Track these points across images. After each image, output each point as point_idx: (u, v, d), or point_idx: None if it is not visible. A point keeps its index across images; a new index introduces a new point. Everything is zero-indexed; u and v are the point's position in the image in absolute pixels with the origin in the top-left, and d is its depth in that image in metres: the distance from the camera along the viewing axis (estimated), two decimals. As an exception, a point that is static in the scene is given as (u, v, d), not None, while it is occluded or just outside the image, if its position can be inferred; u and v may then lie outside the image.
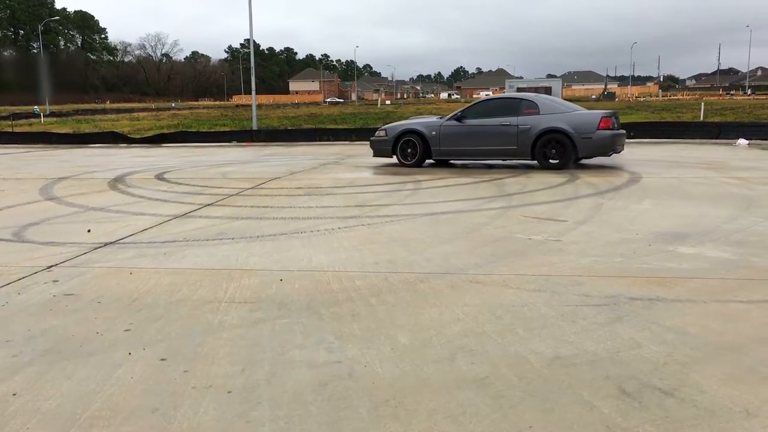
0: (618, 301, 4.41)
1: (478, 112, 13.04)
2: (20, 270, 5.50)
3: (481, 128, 12.72)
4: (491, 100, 13.82)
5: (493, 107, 13.04)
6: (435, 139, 12.94)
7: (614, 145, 12.25)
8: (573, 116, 12.27)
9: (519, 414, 2.89)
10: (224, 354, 3.64)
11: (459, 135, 12.84)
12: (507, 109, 12.72)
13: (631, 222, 7.07)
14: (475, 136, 12.73)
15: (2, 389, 3.24)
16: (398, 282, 4.97)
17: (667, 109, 37.63)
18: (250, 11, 26.80)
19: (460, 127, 12.86)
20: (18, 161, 17.03)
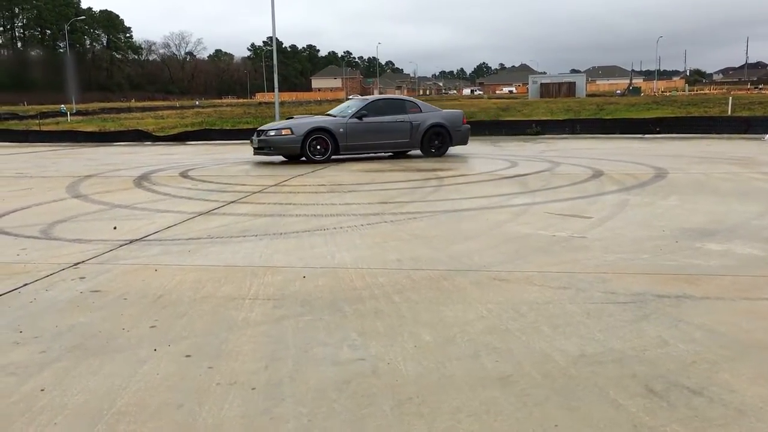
0: (644, 299, 4.35)
1: (375, 111, 14.62)
2: (48, 267, 5.58)
3: (381, 125, 14.52)
4: (380, 100, 15.63)
5: (384, 107, 14.93)
6: (343, 135, 14.19)
7: (468, 137, 15.65)
8: (445, 114, 15.36)
9: (544, 412, 2.87)
10: (248, 351, 3.66)
11: (363, 131, 14.34)
12: (396, 108, 15.02)
13: (657, 218, 6.98)
14: (377, 131, 14.45)
15: (30, 385, 3.28)
16: (421, 279, 4.96)
17: (693, 104, 37.11)
18: (272, 9, 26.88)
19: (363, 124, 14.35)
20: (45, 159, 17.27)
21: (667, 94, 70.13)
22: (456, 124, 15.19)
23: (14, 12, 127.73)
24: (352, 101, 16.48)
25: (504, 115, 29.31)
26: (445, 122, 15.05)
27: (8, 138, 25.91)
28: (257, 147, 14.40)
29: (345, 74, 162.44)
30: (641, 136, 19.41)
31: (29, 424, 2.88)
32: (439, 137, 14.99)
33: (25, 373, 3.42)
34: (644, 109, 32.22)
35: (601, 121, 21.99)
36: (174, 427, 2.83)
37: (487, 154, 15.39)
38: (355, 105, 15.28)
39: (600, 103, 42.68)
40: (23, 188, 11.01)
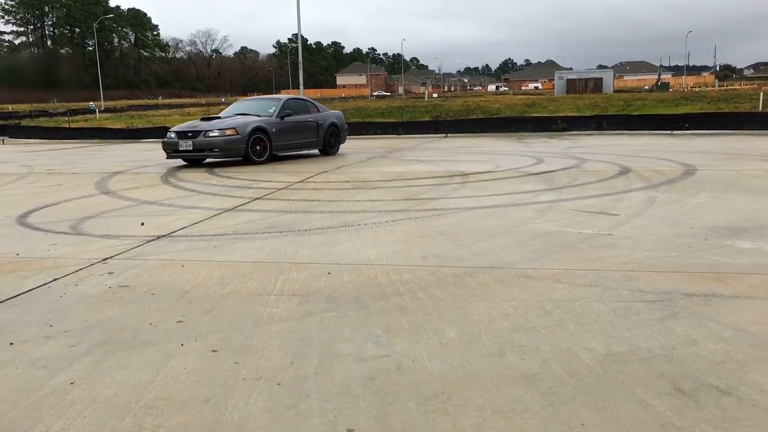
0: (673, 297, 4.30)
1: (290, 110, 14.70)
2: (77, 262, 5.66)
3: (298, 124, 14.76)
4: (290, 99, 15.69)
5: (294, 107, 15.06)
6: (275, 135, 14.10)
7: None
8: (335, 114, 16.25)
9: (570, 411, 2.84)
10: (273, 346, 3.68)
11: (288, 131, 14.44)
12: (303, 108, 15.37)
13: (686, 216, 6.89)
14: (295, 131, 14.62)
15: (60, 378, 3.33)
16: (446, 276, 4.94)
17: (723, 100, 36.51)
18: (298, 6, 26.98)
19: (285, 123, 14.40)
20: (75, 156, 17.52)
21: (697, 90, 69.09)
22: (342, 123, 16.25)
23: (44, 11, 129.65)
24: (245, 102, 16.06)
25: (529, 112, 29.12)
26: (338, 122, 15.94)
27: (39, 135, 26.34)
28: (192, 149, 13.34)
29: (370, 71, 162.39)
30: (669, 133, 19.15)
31: (59, 416, 2.93)
32: (333, 136, 15.79)
33: (55, 367, 3.47)
34: (673, 105, 31.80)
35: (629, 118, 21.73)
36: (200, 421, 2.86)
37: (513, 150, 15.29)
38: (273, 104, 14.89)
39: (627, 99, 42.21)
40: (53, 184, 11.19)
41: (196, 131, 13.48)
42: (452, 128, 22.01)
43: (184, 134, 13.49)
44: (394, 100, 69.70)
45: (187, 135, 13.46)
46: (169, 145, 13.73)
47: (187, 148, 13.37)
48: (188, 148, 13.37)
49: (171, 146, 13.68)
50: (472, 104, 41.14)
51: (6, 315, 4.35)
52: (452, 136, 21.11)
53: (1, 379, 3.34)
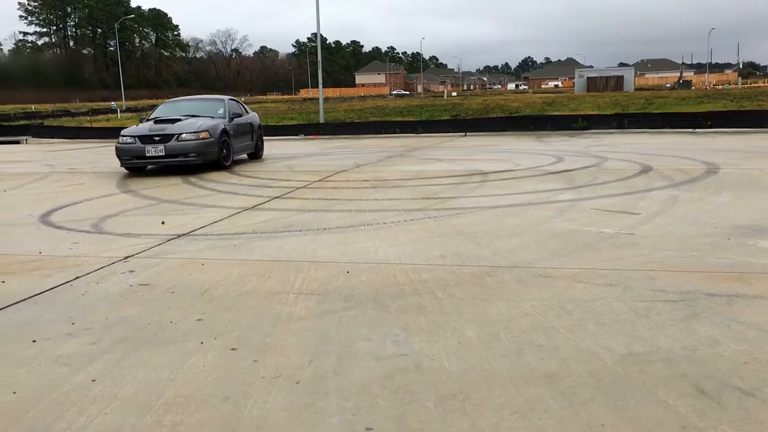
0: (695, 297, 4.25)
1: (233, 111, 14.11)
2: (99, 260, 5.72)
3: (242, 126, 14.19)
4: (232, 100, 14.73)
5: (234, 108, 14.35)
6: (232, 138, 13.50)
7: None
8: (256, 115, 15.76)
9: (590, 411, 2.82)
10: (292, 345, 3.69)
11: (237, 134, 13.83)
12: (239, 109, 14.59)
13: (708, 215, 6.80)
14: (241, 133, 14.07)
15: (82, 376, 3.37)
16: (465, 275, 4.93)
17: (747, 98, 36.03)
18: (317, 5, 27.04)
19: (234, 126, 13.76)
20: (96, 155, 17.70)
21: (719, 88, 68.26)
22: (258, 123, 15.61)
23: (66, 11, 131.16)
24: (183, 103, 14.72)
25: (549, 110, 28.95)
26: (258, 122, 15.47)
27: (61, 134, 26.65)
28: (164, 155, 12.04)
29: (389, 70, 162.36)
30: (692, 131, 18.94)
31: (81, 413, 2.96)
32: (260, 139, 15.37)
33: (77, 364, 3.51)
34: (695, 103, 31.45)
35: (650, 116, 21.53)
36: (220, 419, 2.87)
37: (532, 149, 15.21)
38: (219, 105, 14.04)
39: (649, 97, 41.82)
40: (75, 183, 11.32)
41: (165, 135, 12.11)
42: (471, 127, 21.94)
43: (149, 138, 12.08)
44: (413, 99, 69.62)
45: (153, 139, 12.06)
46: (128, 151, 12.14)
47: (158, 154, 12.02)
48: (159, 154, 12.02)
49: (132, 153, 12.10)
50: (491, 103, 40.98)
51: (29, 313, 4.41)
52: (471, 134, 21.05)
53: (24, 376, 3.38)
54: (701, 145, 14.38)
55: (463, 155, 14.30)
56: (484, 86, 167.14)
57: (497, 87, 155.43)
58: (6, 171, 14.02)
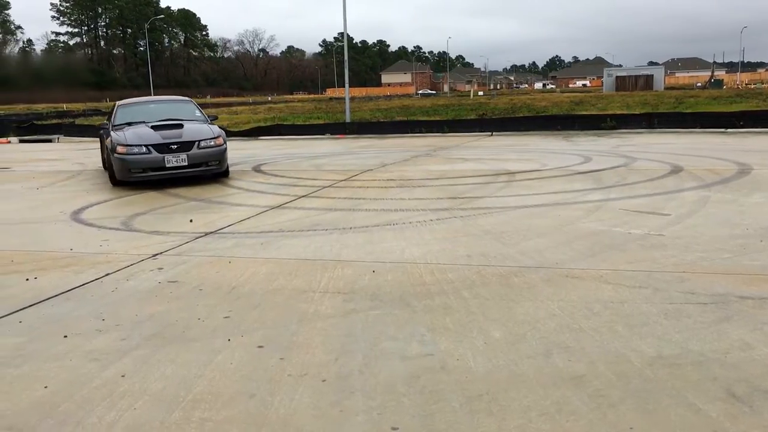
0: (726, 300, 4.18)
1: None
2: (128, 258, 5.79)
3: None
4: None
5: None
6: None
7: None
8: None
9: (618, 414, 2.79)
10: (318, 343, 3.70)
11: None
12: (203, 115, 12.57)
13: (740, 216, 6.69)
14: None
15: (112, 371, 3.42)
16: (491, 275, 4.90)
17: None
18: (344, 5, 27.10)
19: None
20: (126, 154, 17.93)
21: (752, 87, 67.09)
22: None
23: (98, 12, 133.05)
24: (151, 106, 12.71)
25: (577, 110, 28.67)
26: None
27: (92, 133, 26.99)
28: (187, 165, 10.55)
29: (415, 69, 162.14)
30: (723, 131, 18.63)
31: (110, 408, 3.00)
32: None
33: (107, 360, 3.56)
34: (727, 102, 30.93)
35: (681, 115, 21.21)
36: (246, 416, 2.89)
37: (559, 149, 15.08)
38: (192, 107, 12.68)
39: (679, 96, 41.21)
40: (105, 181, 11.47)
41: (185, 142, 10.64)
42: (498, 126, 21.82)
43: (166, 147, 10.47)
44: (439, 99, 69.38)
45: (171, 148, 10.49)
46: (141, 162, 10.35)
47: (180, 164, 10.52)
48: (182, 164, 10.53)
49: (146, 164, 10.37)
50: (518, 102, 40.71)
51: (61, 308, 4.48)
52: (498, 134, 20.93)
53: (56, 371, 3.44)
54: (733, 146, 14.13)
55: (490, 155, 14.23)
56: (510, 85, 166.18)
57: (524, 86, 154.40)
58: (38, 169, 14.27)
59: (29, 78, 52.71)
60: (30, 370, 3.48)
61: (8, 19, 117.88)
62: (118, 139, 10.59)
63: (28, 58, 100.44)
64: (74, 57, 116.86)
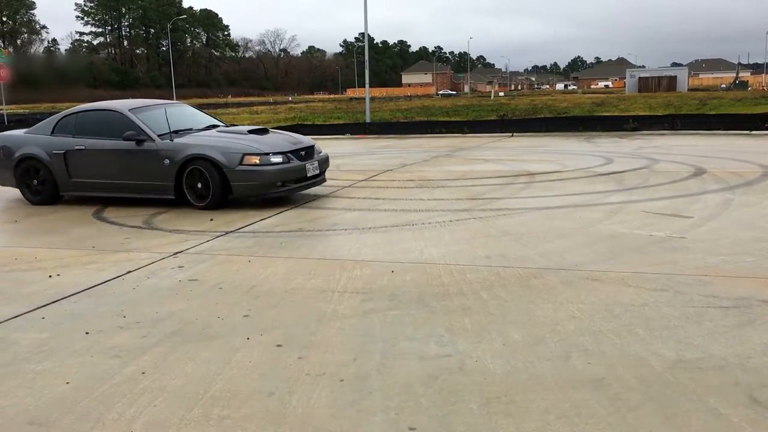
0: (749, 304, 4.12)
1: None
2: (150, 256, 5.84)
3: None
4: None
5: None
6: None
7: None
8: None
9: (638, 418, 2.77)
10: (337, 343, 3.71)
11: None
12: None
13: (764, 219, 6.60)
14: None
15: (132, 368, 3.45)
16: (510, 277, 4.88)
17: (806, 98, 34.86)
18: (365, 5, 27.13)
19: None
20: (148, 153, 18.11)
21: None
22: None
23: (121, 12, 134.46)
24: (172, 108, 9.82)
25: (599, 111, 28.47)
26: None
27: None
28: (318, 174, 9.12)
29: (435, 70, 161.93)
30: (748, 133, 18.38)
31: (131, 404, 3.03)
32: None
33: (127, 356, 3.60)
34: (752, 104, 30.53)
35: (704, 117, 20.95)
36: (265, 414, 2.91)
37: (580, 150, 14.97)
38: (200, 114, 10.40)
39: (703, 97, 40.77)
40: (128, 180, 11.58)
41: (307, 147, 9.07)
42: (518, 127, 21.71)
43: (297, 153, 8.75)
44: (459, 99, 69.24)
45: (302, 154, 8.83)
46: (282, 173, 8.37)
47: (314, 173, 9.00)
48: (315, 173, 9.03)
49: (288, 174, 8.46)
50: (539, 103, 40.51)
51: (83, 305, 4.53)
52: (518, 135, 20.83)
53: (77, 367, 3.48)
54: (757, 148, 13.94)
55: (510, 156, 14.17)
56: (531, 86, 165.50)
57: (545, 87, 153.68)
58: (62, 167, 14.45)
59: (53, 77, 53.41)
60: (52, 365, 3.52)
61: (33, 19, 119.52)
62: (244, 148, 8.33)
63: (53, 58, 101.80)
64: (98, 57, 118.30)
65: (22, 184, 9.22)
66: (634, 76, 74.25)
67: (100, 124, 8.97)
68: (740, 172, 10.10)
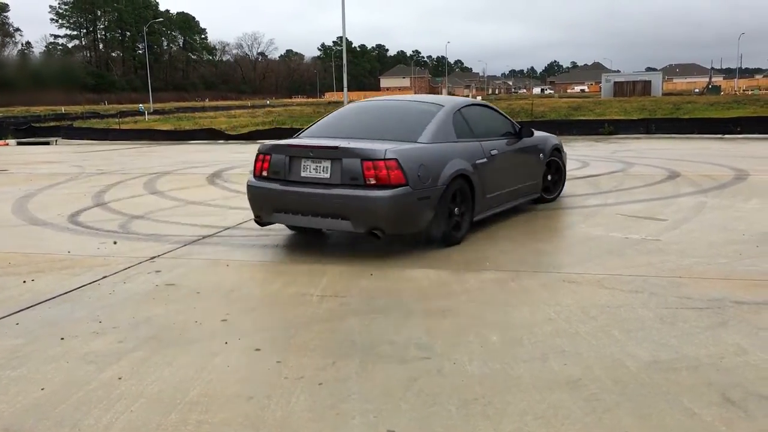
0: (722, 305, 4.19)
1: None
2: (126, 260, 5.79)
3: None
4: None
5: None
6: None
7: None
8: None
9: (614, 418, 2.80)
10: (315, 346, 3.71)
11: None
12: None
13: (736, 222, 6.71)
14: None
15: (109, 373, 3.42)
16: (488, 280, 4.91)
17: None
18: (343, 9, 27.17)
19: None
20: (124, 157, 17.93)
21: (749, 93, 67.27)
22: None
23: (96, 15, 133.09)
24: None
25: (575, 115, 28.72)
26: None
27: (90, 136, 27.03)
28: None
29: (413, 73, 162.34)
30: (721, 137, 18.68)
31: (107, 410, 3.00)
32: None
33: (104, 362, 3.56)
34: (724, 108, 31.01)
35: (678, 121, 21.25)
36: (243, 419, 2.90)
37: (557, 154, 15.10)
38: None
39: (677, 102, 41.31)
40: (103, 184, 11.47)
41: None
42: (496, 131, 21.85)
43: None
44: (437, 103, 69.28)
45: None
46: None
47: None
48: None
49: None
50: (516, 107, 40.72)
51: (58, 311, 4.48)
52: (496, 139, 20.98)
53: (53, 373, 3.44)
54: (730, 151, 14.17)
55: (488, 159, 14.23)
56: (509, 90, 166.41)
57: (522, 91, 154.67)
58: (36, 171, 14.26)
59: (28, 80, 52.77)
60: (27, 372, 3.48)
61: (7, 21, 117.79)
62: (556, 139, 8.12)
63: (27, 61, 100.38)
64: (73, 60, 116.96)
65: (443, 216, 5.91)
66: (609, 81, 75.02)
67: (484, 121, 7.13)
68: (713, 175, 10.26)
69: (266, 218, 6.11)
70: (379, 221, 5.44)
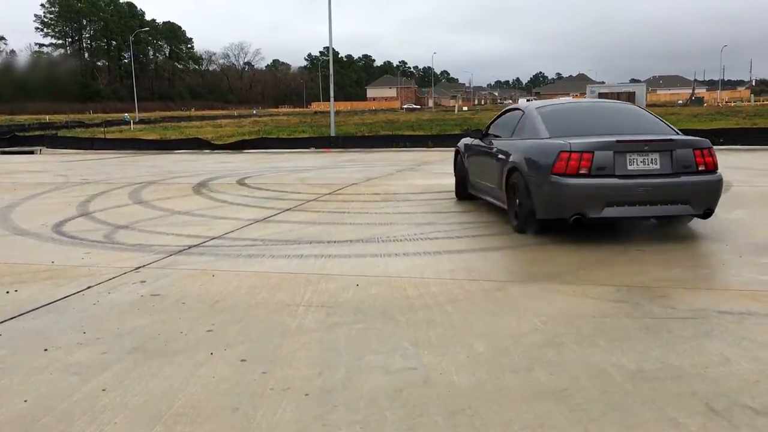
0: (706, 315, 4.23)
1: None
2: (111, 270, 5.75)
3: None
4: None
5: None
6: None
7: None
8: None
9: (600, 428, 2.81)
10: (302, 357, 3.70)
11: None
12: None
13: (720, 232, 6.77)
14: None
15: (92, 385, 3.39)
16: (475, 290, 4.93)
17: (759, 115, 35.92)
18: (329, 20, 27.24)
19: None
20: (109, 166, 17.84)
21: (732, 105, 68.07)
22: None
23: (82, 24, 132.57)
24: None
25: (560, 125, 28.92)
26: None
27: (75, 145, 26.86)
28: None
29: (400, 84, 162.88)
30: (703, 148, 18.88)
31: (91, 422, 2.97)
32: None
33: (87, 374, 3.53)
34: (707, 119, 31.35)
35: (662, 132, 21.44)
36: (229, 430, 2.88)
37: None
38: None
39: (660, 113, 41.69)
40: (88, 194, 11.40)
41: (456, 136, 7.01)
42: (482, 141, 21.94)
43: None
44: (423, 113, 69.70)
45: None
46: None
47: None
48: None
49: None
50: (502, 118, 41.03)
51: (41, 321, 4.44)
52: (482, 149, 21.07)
53: (36, 385, 3.41)
54: (713, 162, 14.32)
55: (474, 170, 14.29)
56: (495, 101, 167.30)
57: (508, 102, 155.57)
58: (20, 181, 14.15)
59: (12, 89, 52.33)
60: (10, 383, 3.44)
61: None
62: None
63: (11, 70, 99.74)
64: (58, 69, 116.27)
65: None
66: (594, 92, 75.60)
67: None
68: (697, 186, 10.33)
69: (594, 214, 6.11)
70: (713, 202, 6.32)
